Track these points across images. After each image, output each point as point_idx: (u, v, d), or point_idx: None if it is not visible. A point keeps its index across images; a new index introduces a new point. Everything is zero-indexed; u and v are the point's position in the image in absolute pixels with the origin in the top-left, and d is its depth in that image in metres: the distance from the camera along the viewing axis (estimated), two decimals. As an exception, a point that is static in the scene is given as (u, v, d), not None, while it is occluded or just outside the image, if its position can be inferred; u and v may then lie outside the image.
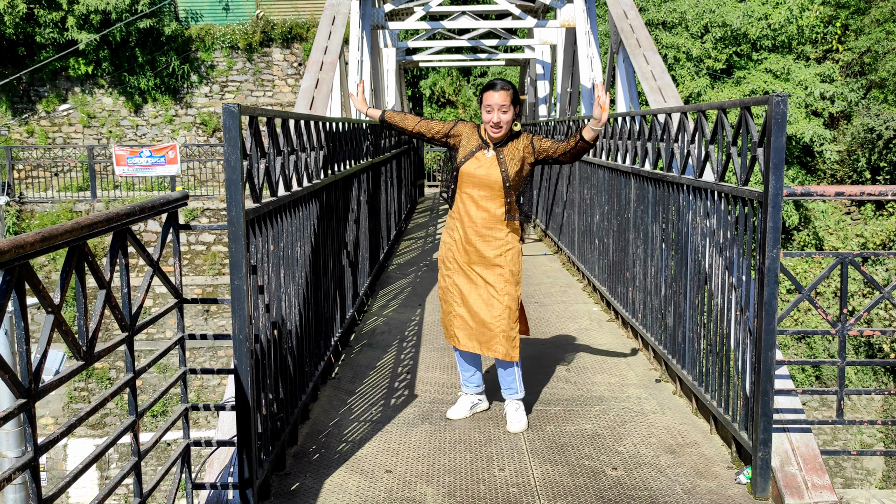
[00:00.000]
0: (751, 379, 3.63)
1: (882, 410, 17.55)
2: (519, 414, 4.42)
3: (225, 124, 3.13)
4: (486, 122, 4.20)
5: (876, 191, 3.81)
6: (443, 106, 26.46)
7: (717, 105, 4.19)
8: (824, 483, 3.54)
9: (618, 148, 6.71)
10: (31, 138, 22.67)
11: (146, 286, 2.85)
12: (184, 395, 3.34)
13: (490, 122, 4.19)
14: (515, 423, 4.39)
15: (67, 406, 18.53)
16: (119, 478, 2.60)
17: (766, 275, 3.44)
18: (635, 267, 5.97)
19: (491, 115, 4.17)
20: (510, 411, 4.44)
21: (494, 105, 4.16)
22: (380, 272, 9.00)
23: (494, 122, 4.18)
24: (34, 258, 2.22)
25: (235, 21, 23.46)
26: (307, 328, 4.55)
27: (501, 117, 4.17)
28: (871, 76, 20.29)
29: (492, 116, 4.17)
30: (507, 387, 4.45)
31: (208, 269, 18.88)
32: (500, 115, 4.17)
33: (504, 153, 4.23)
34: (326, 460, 3.99)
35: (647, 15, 20.70)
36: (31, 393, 2.05)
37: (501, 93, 4.17)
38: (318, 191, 4.88)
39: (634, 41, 8.74)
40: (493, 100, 4.17)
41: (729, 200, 3.98)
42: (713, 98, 19.72)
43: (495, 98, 4.16)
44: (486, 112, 4.19)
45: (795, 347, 18.37)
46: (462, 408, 4.56)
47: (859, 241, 18.97)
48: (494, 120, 4.17)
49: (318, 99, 7.79)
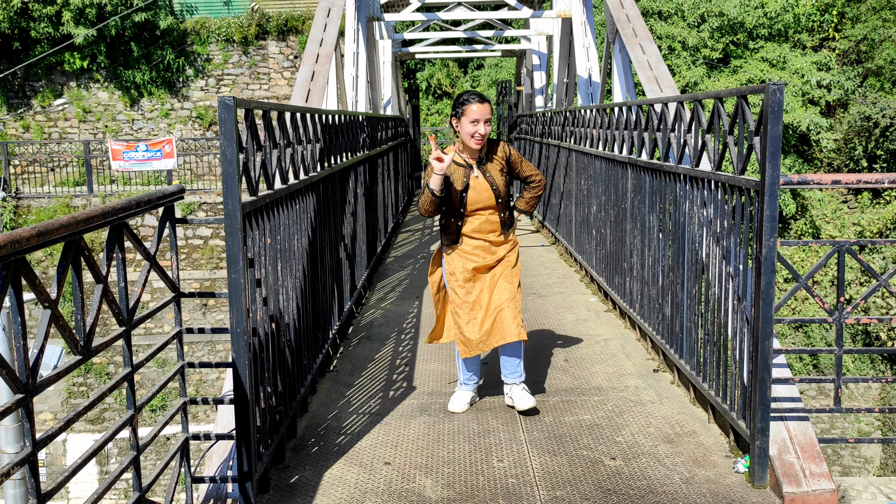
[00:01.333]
0: (748, 368, 3.63)
1: (879, 398, 17.60)
2: (526, 392, 4.47)
3: (221, 118, 3.12)
4: (471, 133, 4.31)
5: (872, 179, 3.81)
6: (439, 98, 26.42)
7: (714, 94, 4.19)
8: (822, 471, 3.55)
9: (614, 138, 6.70)
10: (27, 133, 22.62)
11: (143, 280, 2.85)
12: (182, 389, 3.34)
13: (476, 133, 4.31)
14: (525, 400, 4.42)
15: (66, 401, 18.54)
16: (118, 472, 2.61)
17: (763, 264, 3.44)
18: (633, 257, 5.98)
19: (477, 126, 4.30)
20: (517, 392, 4.48)
21: (481, 117, 4.30)
22: (377, 265, 9.00)
23: (481, 134, 4.31)
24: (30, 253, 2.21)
25: (231, 14, 23.40)
26: (305, 321, 4.55)
27: (486, 129, 4.32)
28: (867, 64, 20.28)
29: (478, 128, 4.30)
30: (512, 371, 4.50)
31: (206, 263, 18.87)
32: (486, 127, 4.31)
33: (489, 170, 4.40)
34: (325, 453, 4.00)
35: (642, 4, 20.66)
36: (28, 388, 2.05)
37: (486, 105, 4.32)
38: (314, 183, 4.88)
39: (630, 31, 8.72)
40: (479, 112, 4.30)
41: (726, 190, 3.98)
42: (710, 87, 19.70)
43: (481, 110, 4.30)
44: (472, 125, 4.31)
45: (793, 336, 18.41)
46: (462, 401, 4.59)
47: (856, 230, 18.99)
48: (481, 132, 4.31)
49: (315, 91, 7.77)
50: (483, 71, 25.70)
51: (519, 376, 4.51)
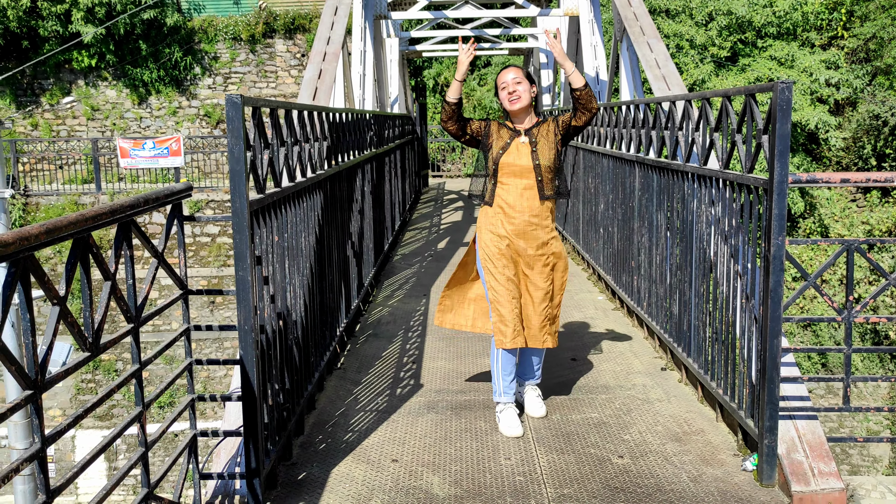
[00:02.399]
0: (757, 367, 3.62)
1: (888, 397, 17.54)
2: (540, 399, 4.50)
3: (228, 115, 3.13)
4: (504, 99, 4.31)
5: (882, 177, 3.79)
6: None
7: (722, 92, 4.17)
8: (831, 470, 3.54)
9: (622, 136, 6.69)
10: (36, 131, 22.70)
11: (151, 277, 2.86)
12: (190, 385, 3.35)
13: (507, 94, 4.28)
14: (539, 408, 4.44)
15: (75, 398, 18.62)
16: (127, 468, 2.62)
17: (772, 262, 3.43)
18: (640, 255, 5.96)
19: (506, 88, 4.29)
20: (531, 398, 4.49)
21: (509, 81, 4.29)
22: (384, 262, 9.00)
23: (510, 92, 4.27)
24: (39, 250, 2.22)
25: (238, 12, 23.42)
26: (312, 318, 4.55)
27: (517, 88, 4.27)
28: (876, 63, 20.18)
29: (507, 87, 4.28)
30: (533, 374, 4.50)
31: (213, 261, 18.91)
32: (516, 86, 4.27)
33: (538, 141, 4.29)
34: (333, 450, 4.00)
35: (650, 2, 20.61)
36: (37, 384, 2.06)
37: (512, 68, 4.33)
38: (322, 181, 4.88)
39: (638, 29, 8.70)
40: (507, 77, 4.30)
41: (734, 188, 3.97)
42: (718, 86, 19.64)
43: (508, 75, 4.30)
44: (503, 89, 4.30)
45: (801, 335, 18.35)
46: (515, 419, 4.25)
47: (865, 228, 18.91)
48: (510, 89, 4.27)
49: (322, 89, 7.77)
50: (490, 69, 25.63)
51: (537, 379, 4.52)
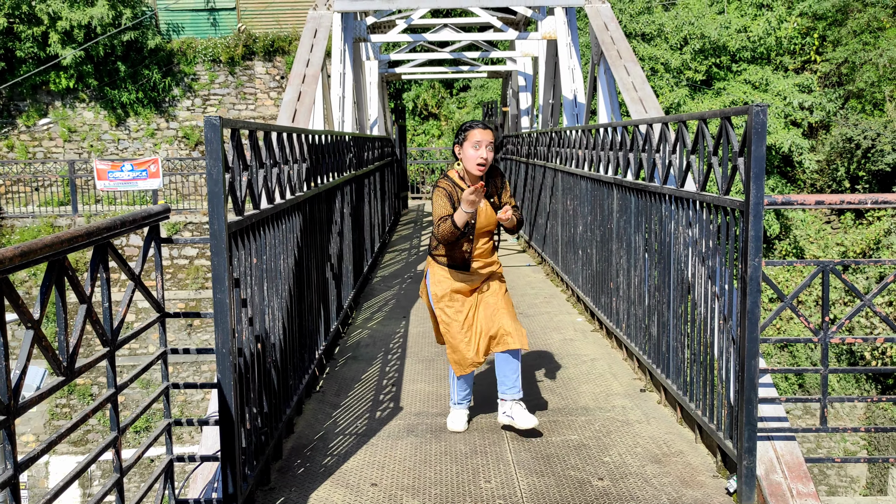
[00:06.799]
0: (735, 388, 3.64)
1: (865, 418, 17.66)
2: (526, 411, 4.44)
3: (207, 137, 3.12)
4: (473, 158, 4.32)
5: (855, 199, 3.84)
6: (425, 119, 26.51)
7: (698, 115, 4.22)
8: (809, 491, 3.55)
9: (600, 159, 6.73)
10: (11, 153, 22.50)
11: (127, 300, 2.83)
12: (167, 410, 3.31)
13: (479, 158, 4.31)
14: (527, 418, 4.38)
15: (49, 423, 18.33)
16: (101, 494, 2.57)
17: (749, 283, 3.46)
18: (619, 277, 5.99)
19: (479, 150, 4.31)
20: (517, 411, 4.43)
21: (483, 141, 4.31)
22: (364, 284, 8.98)
23: (483, 158, 4.31)
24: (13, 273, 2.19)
25: (217, 34, 23.43)
26: (291, 341, 4.52)
27: (489, 154, 4.32)
28: (848, 86, 20.52)
29: (480, 152, 4.31)
30: (511, 385, 4.45)
31: (191, 283, 18.77)
32: (488, 153, 4.32)
33: (492, 196, 4.49)
34: (311, 474, 3.96)
35: (625, 26, 20.85)
36: (10, 409, 2.03)
37: (488, 131, 4.35)
38: (301, 203, 4.87)
39: (615, 53, 8.80)
40: (482, 136, 4.32)
41: (711, 210, 4.00)
42: (693, 109, 19.87)
43: (484, 135, 4.32)
44: (474, 149, 4.32)
45: (778, 356, 18.47)
46: (461, 420, 4.60)
47: (839, 250, 19.12)
48: (483, 156, 4.31)
49: (301, 111, 7.78)
50: (469, 92, 25.81)
51: (517, 392, 4.47)
